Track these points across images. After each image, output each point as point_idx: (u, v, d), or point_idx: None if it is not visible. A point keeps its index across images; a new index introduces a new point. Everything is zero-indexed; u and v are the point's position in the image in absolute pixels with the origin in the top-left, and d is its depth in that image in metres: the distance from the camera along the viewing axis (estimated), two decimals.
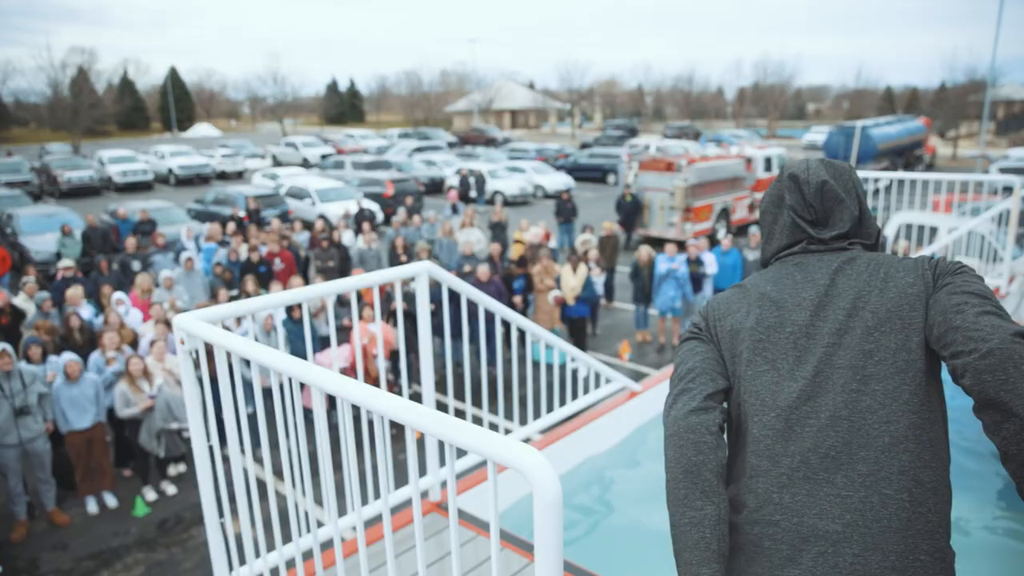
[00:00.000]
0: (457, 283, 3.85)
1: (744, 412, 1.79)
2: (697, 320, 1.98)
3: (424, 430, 1.83)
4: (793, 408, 1.68)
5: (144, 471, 7.87)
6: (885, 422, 1.60)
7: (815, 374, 1.67)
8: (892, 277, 1.71)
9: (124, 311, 9.54)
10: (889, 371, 1.63)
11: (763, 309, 1.80)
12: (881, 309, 1.67)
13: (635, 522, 4.46)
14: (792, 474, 1.65)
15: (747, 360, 1.78)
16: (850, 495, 1.59)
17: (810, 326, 1.72)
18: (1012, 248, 8.27)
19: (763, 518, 1.67)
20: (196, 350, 2.85)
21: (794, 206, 1.89)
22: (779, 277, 1.84)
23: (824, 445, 1.63)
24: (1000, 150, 44.35)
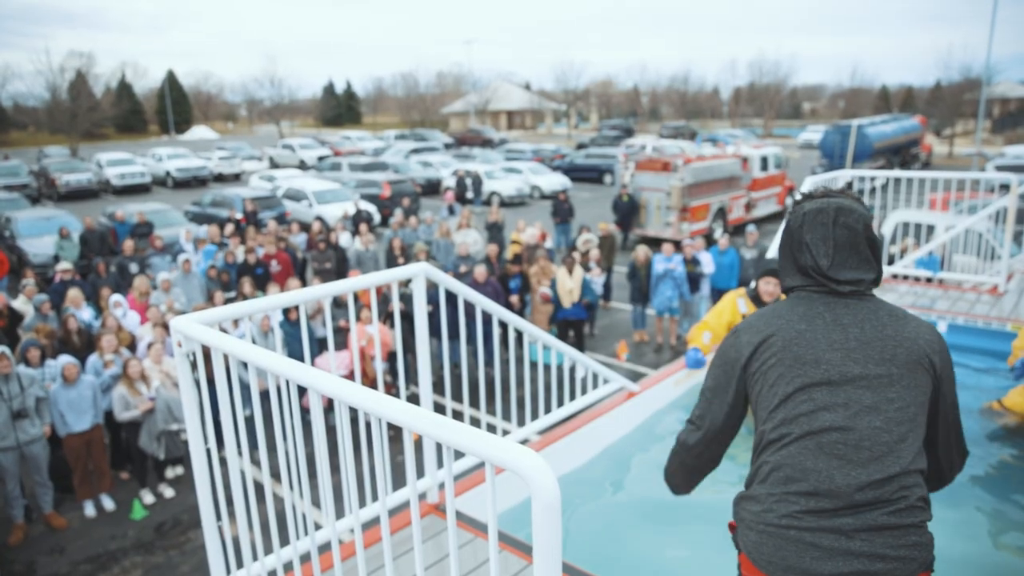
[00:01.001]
0: (454, 284, 3.84)
1: (778, 431, 2.10)
2: (731, 343, 2.27)
3: (422, 432, 1.83)
4: (825, 433, 2.01)
5: (142, 474, 7.84)
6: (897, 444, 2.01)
7: (845, 406, 2.02)
8: (913, 337, 2.09)
9: (121, 313, 9.54)
10: (904, 416, 2.02)
11: (799, 347, 2.09)
12: (902, 363, 2.04)
13: (634, 523, 4.46)
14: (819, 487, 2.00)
15: (782, 388, 2.09)
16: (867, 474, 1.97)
17: (842, 366, 2.03)
18: (1010, 246, 8.28)
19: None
20: (193, 353, 2.84)
21: (825, 251, 2.14)
22: (811, 316, 2.12)
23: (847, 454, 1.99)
24: (996, 148, 44.44)
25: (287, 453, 2.91)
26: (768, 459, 2.10)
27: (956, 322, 7.26)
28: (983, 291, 8.32)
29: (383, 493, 2.42)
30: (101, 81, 67.28)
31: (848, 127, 31.39)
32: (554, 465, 4.58)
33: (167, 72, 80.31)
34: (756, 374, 2.16)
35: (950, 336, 7.13)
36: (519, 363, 8.58)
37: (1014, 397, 5.51)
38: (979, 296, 8.13)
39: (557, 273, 10.73)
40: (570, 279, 10.55)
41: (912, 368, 2.05)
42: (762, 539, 2.04)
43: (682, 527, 4.38)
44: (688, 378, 6.06)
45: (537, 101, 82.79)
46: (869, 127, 32.06)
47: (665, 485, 2.78)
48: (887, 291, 8.36)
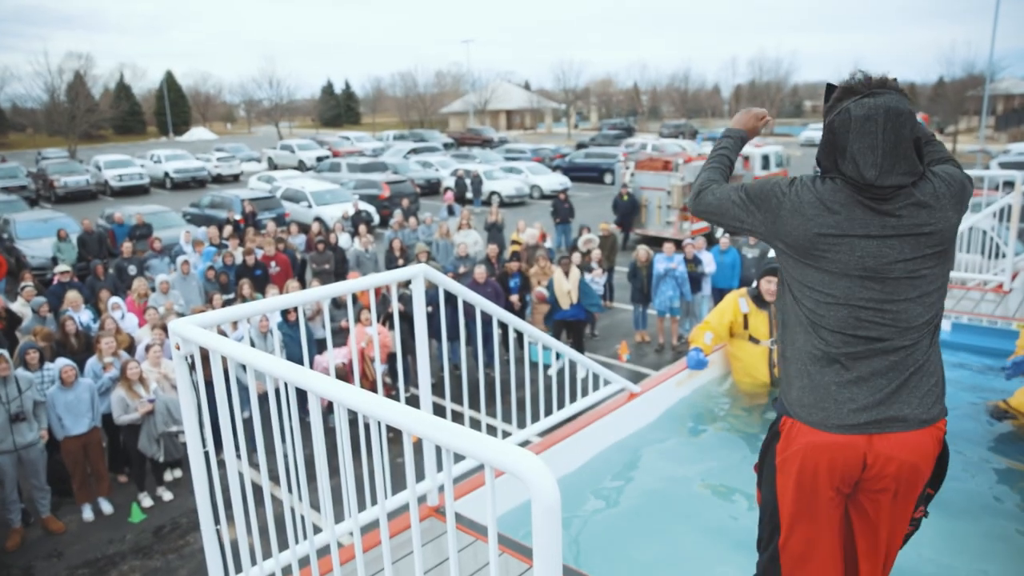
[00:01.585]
0: (454, 286, 3.81)
1: (810, 302, 2.29)
2: (777, 196, 2.34)
3: (421, 435, 1.82)
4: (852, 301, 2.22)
5: (140, 477, 7.81)
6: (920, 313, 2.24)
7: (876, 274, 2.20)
8: (946, 218, 2.20)
9: (120, 316, 9.51)
10: (932, 300, 2.26)
11: (839, 234, 2.20)
12: (943, 237, 2.20)
13: (635, 526, 4.42)
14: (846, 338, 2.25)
15: (814, 257, 2.26)
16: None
17: (878, 250, 2.18)
18: (1015, 244, 8.23)
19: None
20: (191, 355, 2.81)
21: (873, 160, 2.15)
22: (850, 205, 2.20)
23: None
24: (1000, 145, 44.39)
25: (286, 456, 2.88)
26: (805, 331, 2.32)
27: (960, 321, 7.22)
28: (988, 289, 8.28)
29: (382, 496, 2.39)
30: (99, 82, 67.56)
31: None
32: (555, 467, 4.55)
33: (165, 73, 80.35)
34: (788, 246, 2.33)
35: (954, 335, 7.08)
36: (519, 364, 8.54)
37: (1020, 397, 5.46)
38: (984, 294, 8.08)
39: (554, 274, 10.67)
40: (567, 281, 10.49)
41: (942, 251, 2.23)
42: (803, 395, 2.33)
43: (684, 530, 4.35)
44: (690, 379, 6.02)
45: (536, 100, 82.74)
46: None
47: None
48: None
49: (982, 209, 9.02)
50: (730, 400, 6.07)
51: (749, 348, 6.04)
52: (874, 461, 2.23)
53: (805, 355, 2.31)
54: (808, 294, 2.30)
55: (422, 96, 78.53)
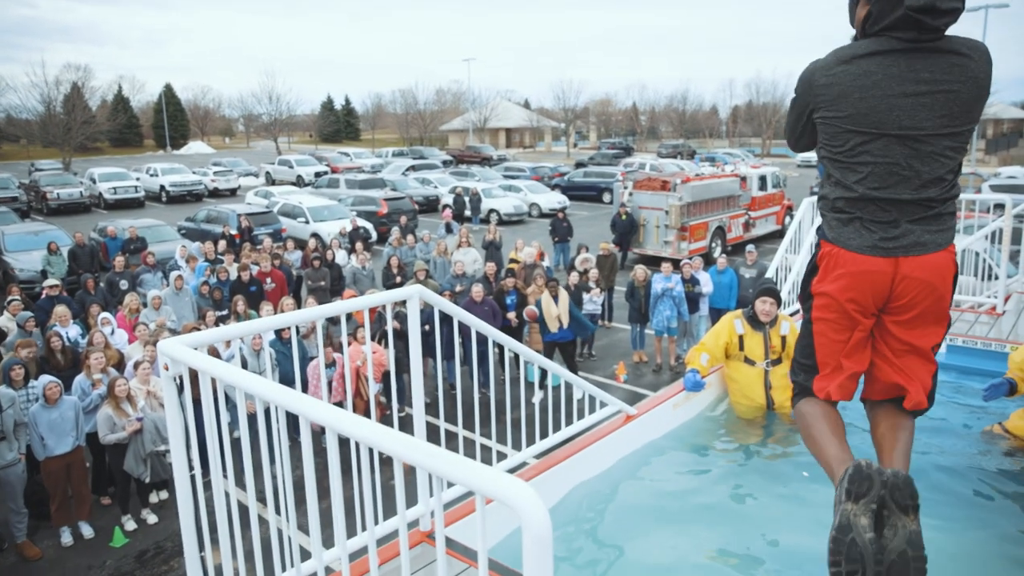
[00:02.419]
0: (449, 306, 3.77)
1: (848, 145, 2.56)
2: (801, 94, 2.75)
3: (410, 461, 1.80)
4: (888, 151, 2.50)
5: (124, 498, 7.61)
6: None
7: (904, 133, 2.46)
8: (978, 78, 2.48)
9: (109, 331, 9.39)
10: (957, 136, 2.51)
11: (874, 91, 2.45)
12: (964, 103, 2.45)
13: (631, 551, 4.36)
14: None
15: (851, 123, 2.52)
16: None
17: (909, 110, 2.43)
18: (1007, 266, 8.22)
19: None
20: (180, 376, 2.77)
21: (922, 4, 2.31)
22: (887, 64, 2.44)
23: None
24: (991, 168, 44.62)
25: (274, 479, 2.82)
26: (839, 185, 2.63)
27: (955, 343, 7.18)
28: (981, 312, 8.25)
29: (371, 522, 2.35)
30: (97, 94, 67.20)
31: None
32: (550, 491, 4.49)
33: (164, 86, 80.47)
34: (824, 121, 2.62)
35: (949, 357, 7.05)
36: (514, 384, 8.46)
37: (1015, 420, 5.43)
38: (978, 317, 8.06)
39: (541, 297, 10.60)
40: (555, 305, 10.42)
41: (970, 105, 2.49)
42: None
43: (682, 554, 4.29)
44: (687, 401, 5.96)
45: (536, 119, 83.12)
46: None
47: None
48: None
49: (974, 232, 9.03)
50: (727, 422, 6.02)
51: (745, 370, 6.00)
52: (900, 280, 2.58)
53: (842, 201, 2.64)
54: (843, 151, 2.60)
55: (422, 113, 78.78)
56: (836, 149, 2.60)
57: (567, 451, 4.84)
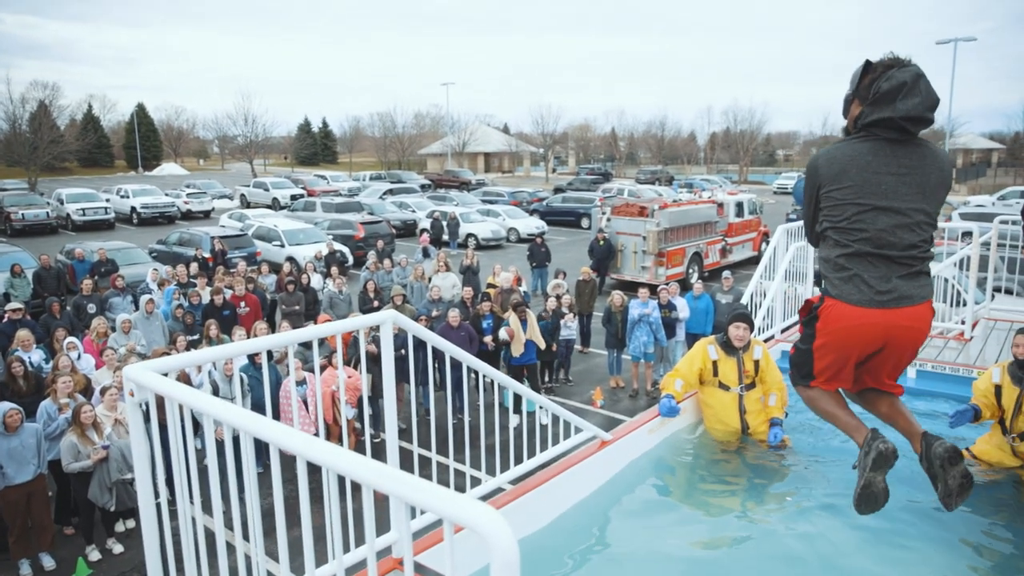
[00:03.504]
0: (423, 332, 3.75)
1: (846, 216, 3.15)
2: (810, 180, 3.30)
3: (379, 488, 1.77)
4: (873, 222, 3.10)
5: (88, 528, 7.38)
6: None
7: (889, 205, 3.08)
8: (944, 172, 3.15)
9: (76, 356, 9.18)
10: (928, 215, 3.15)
11: (867, 172, 3.08)
12: (934, 187, 3.13)
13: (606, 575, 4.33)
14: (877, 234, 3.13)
15: (849, 196, 3.12)
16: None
17: (894, 186, 3.06)
18: (974, 292, 8.36)
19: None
20: (146, 402, 2.71)
21: (914, 100, 2.98)
22: (876, 150, 3.08)
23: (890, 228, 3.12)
24: (960, 197, 45.51)
25: (243, 508, 2.77)
26: (840, 247, 3.21)
27: (924, 368, 7.26)
28: (950, 337, 8.37)
29: (340, 551, 2.30)
30: (65, 113, 65.84)
31: None
32: (524, 517, 4.44)
33: (136, 106, 79.54)
34: (828, 196, 3.20)
35: (919, 382, 7.13)
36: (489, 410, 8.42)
37: (981, 445, 5.51)
38: (946, 342, 8.17)
39: (509, 319, 10.62)
40: (523, 330, 10.47)
41: (939, 190, 3.15)
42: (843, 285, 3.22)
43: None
44: (662, 426, 5.96)
45: (515, 144, 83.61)
46: None
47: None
48: None
49: (943, 259, 9.18)
50: (702, 447, 6.02)
51: (719, 395, 6.02)
52: (892, 329, 3.16)
53: (842, 259, 3.19)
54: (842, 220, 3.17)
55: (400, 137, 78.77)
56: (837, 219, 3.16)
57: (541, 477, 4.80)
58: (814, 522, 4.61)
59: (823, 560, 4.20)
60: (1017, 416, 5.19)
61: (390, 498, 3.63)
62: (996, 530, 4.61)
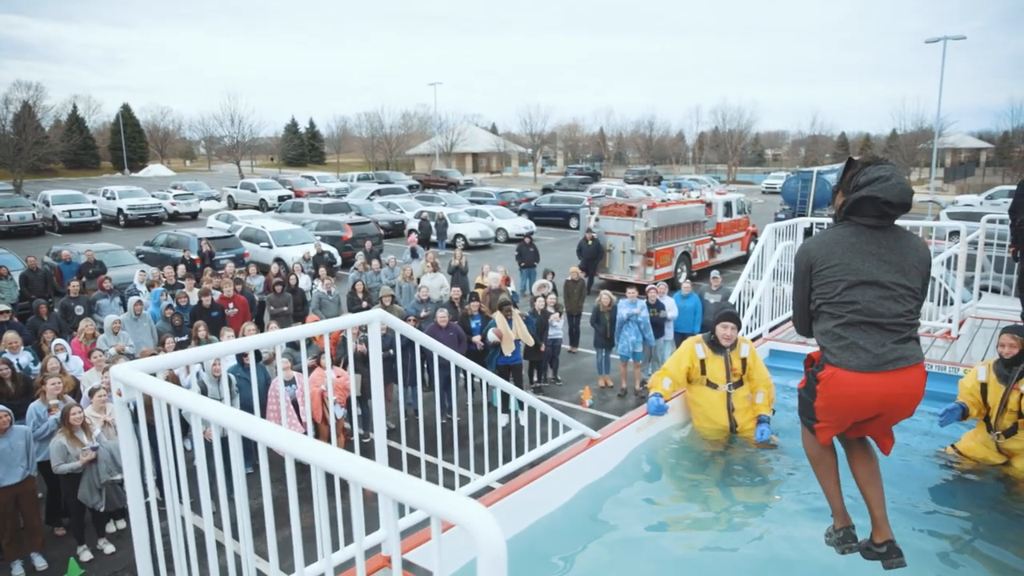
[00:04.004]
0: (410, 331, 3.76)
1: (836, 291, 3.43)
2: (802, 264, 3.60)
3: (366, 485, 1.78)
4: (861, 295, 3.39)
5: (79, 528, 7.37)
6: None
7: (875, 281, 3.39)
8: (921, 254, 3.47)
9: (64, 358, 9.13)
10: (910, 290, 3.43)
11: (852, 252, 3.42)
12: (913, 264, 3.42)
13: (594, 573, 4.35)
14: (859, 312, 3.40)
15: (838, 274, 3.42)
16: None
17: (877, 265, 3.38)
18: (962, 291, 8.42)
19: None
20: (133, 402, 2.71)
21: (886, 201, 3.35)
22: (858, 233, 3.43)
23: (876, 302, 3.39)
24: (949, 196, 45.88)
25: (231, 509, 2.77)
26: (834, 318, 3.45)
27: None
28: (937, 336, 8.44)
29: (328, 550, 2.31)
30: (50, 114, 65.15)
31: (809, 174, 32.05)
32: (513, 515, 4.46)
33: (122, 106, 78.79)
34: (819, 276, 3.48)
35: None
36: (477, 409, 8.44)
37: (967, 442, 5.57)
38: (933, 341, 8.23)
39: (495, 318, 10.64)
40: (510, 328, 10.48)
41: (918, 268, 3.44)
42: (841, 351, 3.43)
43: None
44: (650, 425, 5.99)
45: (503, 144, 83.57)
46: (829, 174, 32.79)
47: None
48: None
49: None
50: (690, 445, 6.05)
51: (707, 393, 6.05)
52: (890, 396, 3.38)
53: (838, 328, 3.42)
54: (835, 295, 3.45)
55: (388, 137, 78.50)
56: (829, 295, 3.46)
57: (530, 475, 4.82)
58: (799, 522, 4.66)
59: (808, 559, 4.23)
60: (1002, 414, 5.25)
61: (378, 495, 3.64)
62: (982, 527, 4.66)
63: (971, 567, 4.26)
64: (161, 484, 2.79)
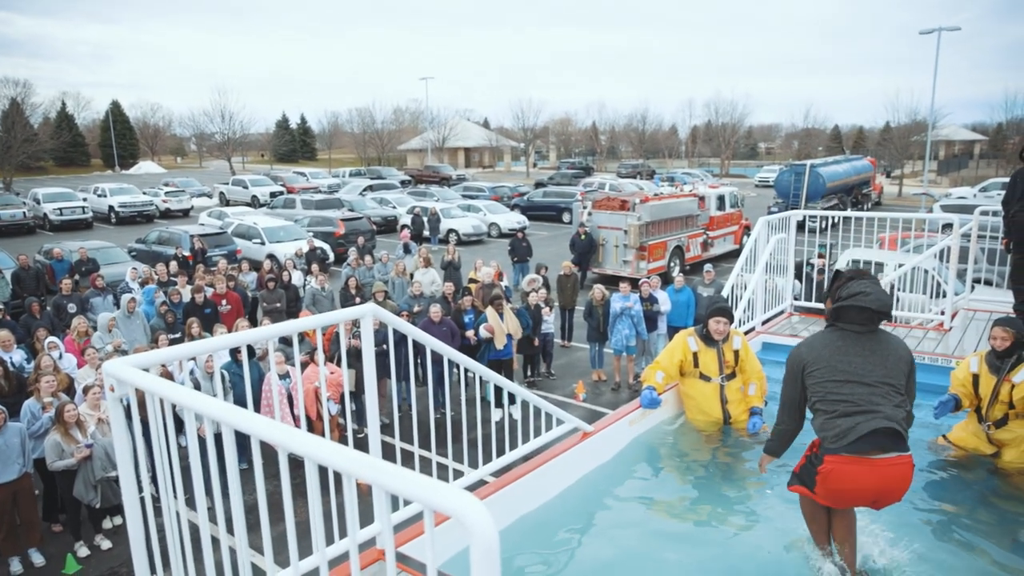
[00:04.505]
0: (403, 325, 3.76)
1: (828, 390, 3.83)
2: (794, 365, 4.03)
3: (360, 477, 1.79)
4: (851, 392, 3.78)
5: (75, 525, 7.40)
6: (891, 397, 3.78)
7: (861, 379, 3.79)
8: (901, 353, 3.88)
9: (57, 356, 9.11)
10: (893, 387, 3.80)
11: (839, 355, 3.86)
12: (895, 364, 3.83)
13: (587, 566, 4.36)
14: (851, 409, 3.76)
15: (828, 375, 3.85)
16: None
17: (863, 365, 3.80)
18: (954, 283, 8.46)
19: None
20: (126, 398, 2.71)
21: (867, 310, 3.82)
22: (845, 337, 3.88)
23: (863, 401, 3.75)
24: (942, 188, 45.98)
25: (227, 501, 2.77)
26: (827, 413, 3.81)
27: None
28: (930, 328, 8.48)
29: (322, 543, 2.31)
30: (39, 111, 64.75)
31: (802, 167, 32.17)
32: (507, 508, 4.47)
33: (111, 103, 78.23)
34: (811, 375, 3.90)
35: None
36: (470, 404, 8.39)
37: (958, 432, 5.62)
38: (926, 333, 8.27)
39: (486, 313, 10.63)
40: (501, 322, 10.47)
41: (899, 367, 3.83)
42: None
43: (635, 572, 4.30)
44: (643, 418, 6.01)
45: (495, 139, 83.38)
46: (822, 167, 32.92)
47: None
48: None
49: (924, 250, 9.26)
50: (683, 438, 6.07)
51: (700, 386, 6.07)
52: (881, 489, 3.72)
53: (833, 419, 3.77)
54: (826, 393, 3.84)
55: (380, 132, 78.10)
56: (822, 393, 3.83)
57: (523, 469, 4.83)
58: (790, 515, 4.67)
59: (799, 552, 4.25)
60: (993, 405, 5.30)
61: (372, 488, 3.65)
62: (972, 516, 4.69)
63: (957, 557, 4.29)
64: (156, 480, 2.79)
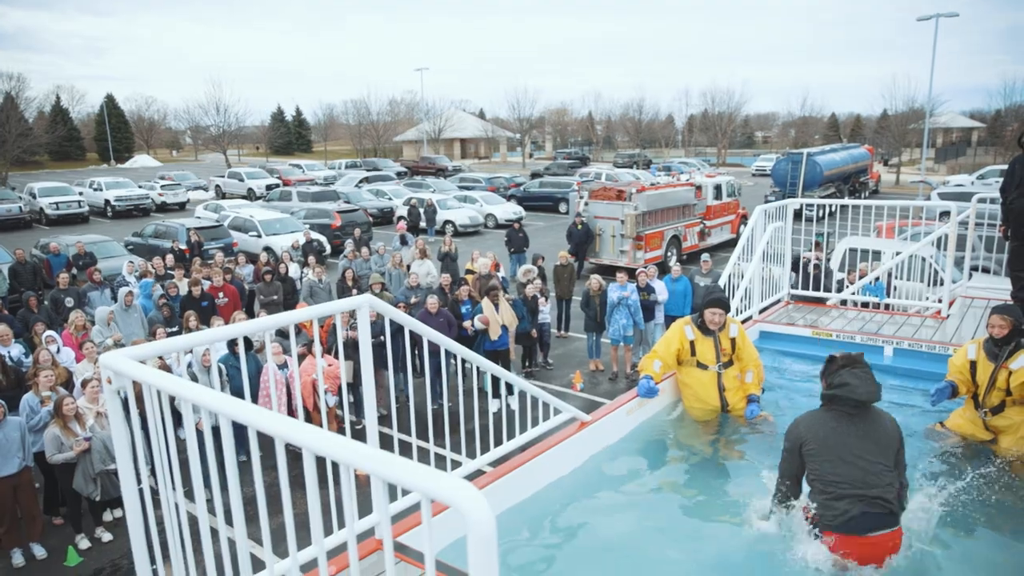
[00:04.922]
0: (400, 316, 3.76)
1: (825, 470, 4.09)
2: (792, 442, 4.28)
3: (357, 466, 1.80)
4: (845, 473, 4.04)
5: (76, 517, 7.42)
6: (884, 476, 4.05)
7: (855, 461, 4.04)
8: (891, 431, 4.16)
9: (55, 349, 9.10)
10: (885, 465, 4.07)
11: (834, 435, 4.11)
12: (885, 444, 4.10)
13: (584, 554, 4.38)
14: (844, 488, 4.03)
15: (824, 454, 4.11)
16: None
17: (856, 446, 4.05)
18: (951, 271, 8.47)
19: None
20: (124, 390, 2.71)
21: (863, 390, 4.10)
22: (839, 418, 4.15)
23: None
24: (939, 176, 45.95)
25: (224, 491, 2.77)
26: (824, 494, 4.05)
27: (902, 347, 7.38)
28: (927, 316, 8.49)
29: (320, 534, 2.32)
30: (33, 105, 64.31)
31: (799, 155, 32.07)
32: (504, 497, 4.49)
33: (106, 96, 77.84)
34: (808, 453, 4.16)
35: (896, 360, 7.25)
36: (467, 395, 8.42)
37: (955, 419, 5.64)
38: (923, 320, 8.29)
39: (482, 303, 10.64)
40: (496, 313, 10.48)
41: (890, 446, 4.11)
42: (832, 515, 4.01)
43: (634, 558, 4.32)
44: (640, 407, 6.02)
45: (491, 129, 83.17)
46: (819, 155, 32.83)
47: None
48: (837, 317, 8.49)
49: (921, 238, 9.27)
50: (681, 427, 6.09)
51: (697, 374, 6.08)
52: (873, 554, 3.93)
53: (830, 500, 4.01)
54: (823, 472, 4.08)
55: (375, 124, 77.78)
56: (820, 472, 4.08)
57: (521, 458, 4.85)
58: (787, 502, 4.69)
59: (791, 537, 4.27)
60: (990, 391, 5.32)
61: (371, 479, 3.65)
62: (968, 502, 4.72)
63: (959, 541, 4.32)
64: (155, 472, 2.79)
